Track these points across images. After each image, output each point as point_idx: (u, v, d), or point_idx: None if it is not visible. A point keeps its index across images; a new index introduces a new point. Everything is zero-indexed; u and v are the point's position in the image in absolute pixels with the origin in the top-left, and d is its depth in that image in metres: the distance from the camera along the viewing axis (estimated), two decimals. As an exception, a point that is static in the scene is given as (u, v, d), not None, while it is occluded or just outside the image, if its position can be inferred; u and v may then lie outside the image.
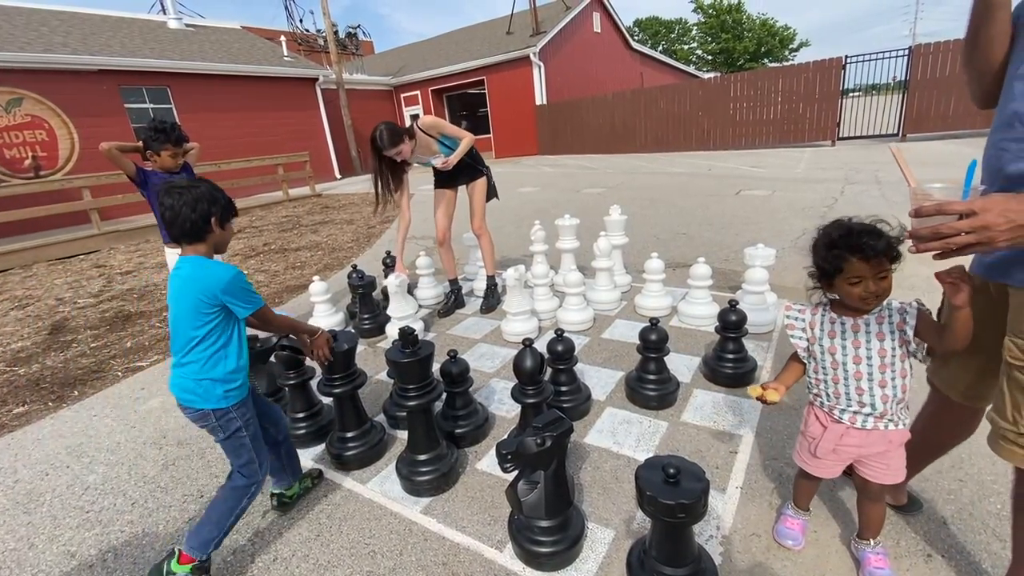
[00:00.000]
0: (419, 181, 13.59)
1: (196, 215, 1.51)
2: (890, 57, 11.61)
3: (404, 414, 2.14)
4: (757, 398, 1.37)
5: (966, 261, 1.16)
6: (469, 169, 3.59)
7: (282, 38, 16.53)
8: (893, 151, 1.21)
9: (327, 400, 2.22)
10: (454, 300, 3.80)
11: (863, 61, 11.85)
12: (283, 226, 8.36)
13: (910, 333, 1.22)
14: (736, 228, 5.39)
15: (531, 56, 16.19)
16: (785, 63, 36.27)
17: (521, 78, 16.75)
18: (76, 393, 3.11)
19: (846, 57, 11.82)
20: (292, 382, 2.26)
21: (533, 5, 17.46)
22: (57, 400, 3.04)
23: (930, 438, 1.46)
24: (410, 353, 1.82)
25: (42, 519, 2.01)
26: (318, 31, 19.79)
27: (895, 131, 11.91)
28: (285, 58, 15.26)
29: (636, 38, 40.67)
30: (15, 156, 9.86)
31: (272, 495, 1.90)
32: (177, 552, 1.57)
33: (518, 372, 1.89)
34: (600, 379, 2.60)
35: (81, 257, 7.66)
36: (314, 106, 15.46)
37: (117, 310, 4.69)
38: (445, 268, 3.83)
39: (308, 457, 2.20)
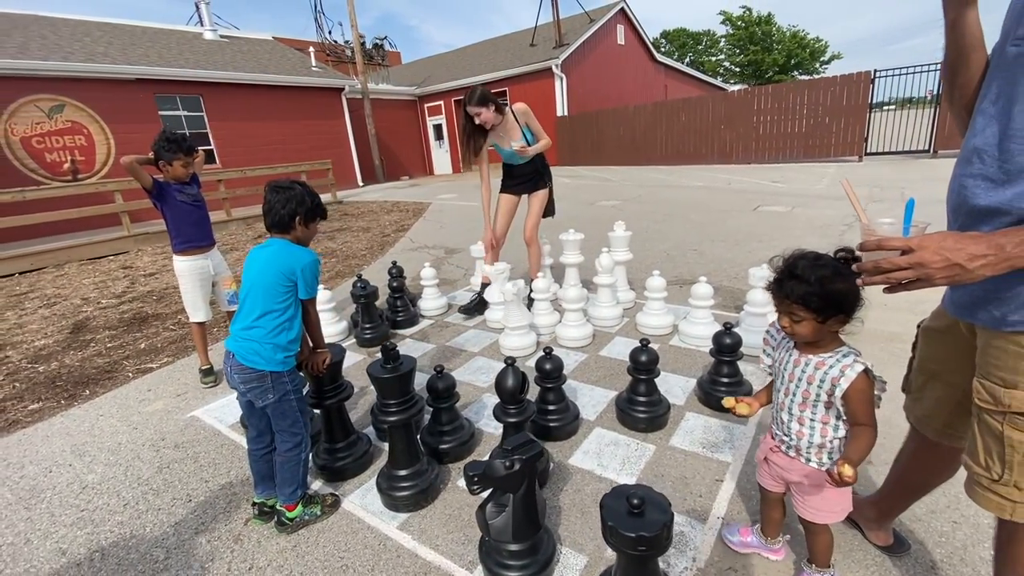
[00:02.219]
0: (437, 190, 13.72)
1: (285, 211, 1.78)
2: (921, 71, 11.32)
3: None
4: (729, 408, 1.38)
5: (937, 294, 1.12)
6: (536, 177, 3.70)
7: (311, 49, 17.00)
8: (844, 185, 1.19)
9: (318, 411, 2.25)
10: (479, 302, 3.85)
11: (893, 75, 11.57)
12: (302, 232, 8.54)
13: (837, 395, 1.18)
14: (749, 245, 5.30)
15: (553, 68, 16.29)
16: (815, 76, 35.65)
17: (543, 89, 16.85)
18: (87, 392, 3.22)
19: (875, 71, 11.56)
20: (284, 391, 2.30)
21: (557, 18, 17.60)
22: (70, 398, 3.15)
23: (910, 477, 1.41)
24: (391, 369, 1.83)
25: (40, 515, 2.08)
26: (346, 42, 20.29)
27: (926, 147, 11.56)
28: (313, 68, 15.69)
29: (662, 50, 40.55)
30: (55, 160, 10.34)
31: (253, 504, 1.93)
32: (282, 507, 1.83)
33: (499, 391, 1.89)
34: (592, 398, 2.58)
35: (111, 258, 7.97)
36: (340, 115, 15.83)
37: (136, 312, 4.85)
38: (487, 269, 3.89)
39: (296, 466, 2.24)
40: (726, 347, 2.35)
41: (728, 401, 1.38)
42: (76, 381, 3.39)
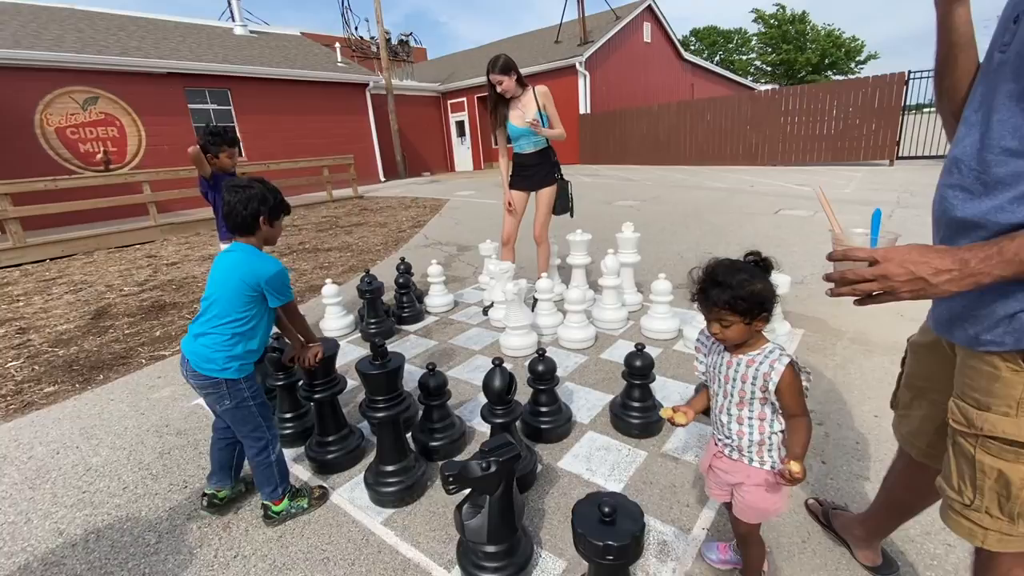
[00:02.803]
0: (456, 187, 13.77)
1: (247, 212, 1.73)
2: (960, 73, 10.88)
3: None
4: (667, 420, 1.38)
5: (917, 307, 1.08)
6: (544, 172, 3.65)
7: (337, 44, 17.22)
8: (818, 193, 1.15)
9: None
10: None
11: (928, 77, 11.13)
12: (321, 226, 8.67)
13: (771, 389, 1.21)
14: (766, 249, 5.05)
15: (577, 65, 16.17)
16: (850, 76, 34.58)
17: (566, 87, 16.74)
18: (101, 377, 3.33)
19: (909, 72, 11.15)
20: (281, 383, 2.34)
21: (582, 15, 17.46)
22: (84, 383, 3.26)
23: (898, 497, 1.35)
24: (379, 365, 1.84)
25: (43, 496, 2.16)
26: (372, 38, 20.49)
27: (962, 152, 11.12)
28: (339, 64, 15.89)
29: (691, 48, 39.84)
30: (89, 151, 10.70)
31: (203, 495, 1.93)
32: (267, 502, 1.86)
33: (487, 391, 1.88)
34: (588, 401, 2.55)
35: (137, 246, 8.21)
36: (363, 110, 16.00)
37: (155, 300, 5.00)
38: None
39: (290, 456, 2.27)
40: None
41: (664, 412, 1.38)
42: (92, 366, 3.51)
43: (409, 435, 2.25)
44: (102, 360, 3.60)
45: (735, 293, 1.16)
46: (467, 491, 1.50)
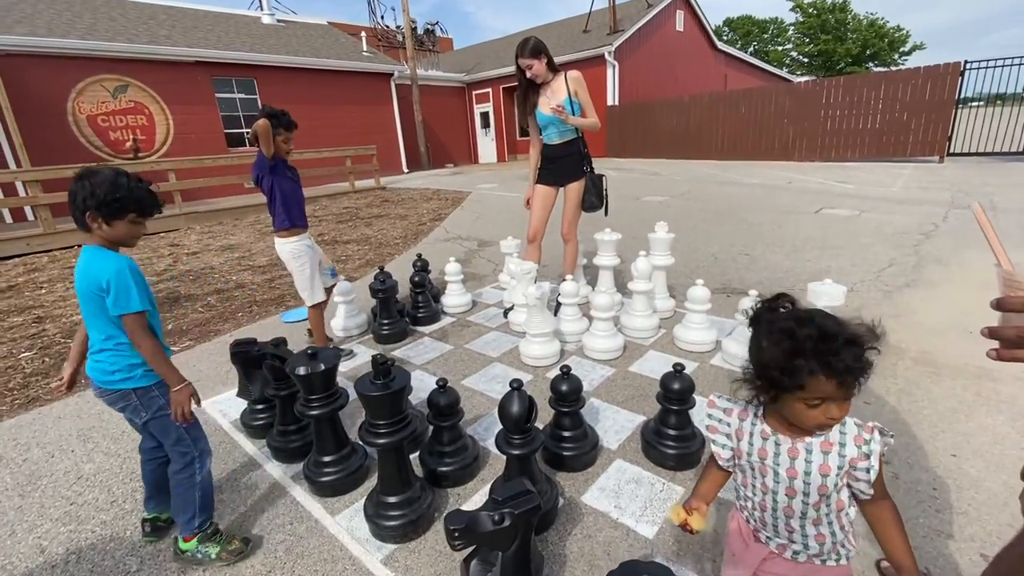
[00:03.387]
0: (479, 179, 13.53)
1: (75, 207, 1.45)
2: (1017, 64, 10.11)
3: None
4: (680, 525, 1.08)
5: None
6: (572, 165, 3.38)
7: (363, 33, 17.09)
8: (976, 212, 0.85)
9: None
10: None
11: (986, 67, 10.39)
12: (341, 217, 8.56)
13: (872, 478, 0.93)
14: (809, 252, 4.80)
15: (606, 55, 15.69)
16: (892, 68, 33.00)
17: (594, 78, 16.25)
18: (107, 373, 3.21)
19: (965, 62, 10.40)
20: (282, 394, 2.16)
21: (612, 3, 16.92)
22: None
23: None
24: (381, 386, 1.62)
25: (31, 505, 2.02)
26: (397, 27, 20.32)
27: (1019, 148, 10.37)
28: (364, 53, 15.77)
29: (725, 38, 38.60)
30: (119, 139, 10.82)
31: (144, 521, 1.75)
32: (179, 536, 1.68)
33: (503, 418, 1.65)
34: (616, 422, 2.30)
35: (162, 234, 8.23)
36: (388, 101, 15.86)
37: (170, 291, 4.91)
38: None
39: (289, 473, 2.09)
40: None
41: (675, 515, 1.08)
42: (100, 360, 3.40)
43: (416, 455, 2.04)
44: (111, 354, 3.49)
45: (865, 352, 0.85)
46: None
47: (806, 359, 0.84)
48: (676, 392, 1.93)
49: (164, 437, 1.62)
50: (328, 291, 3.12)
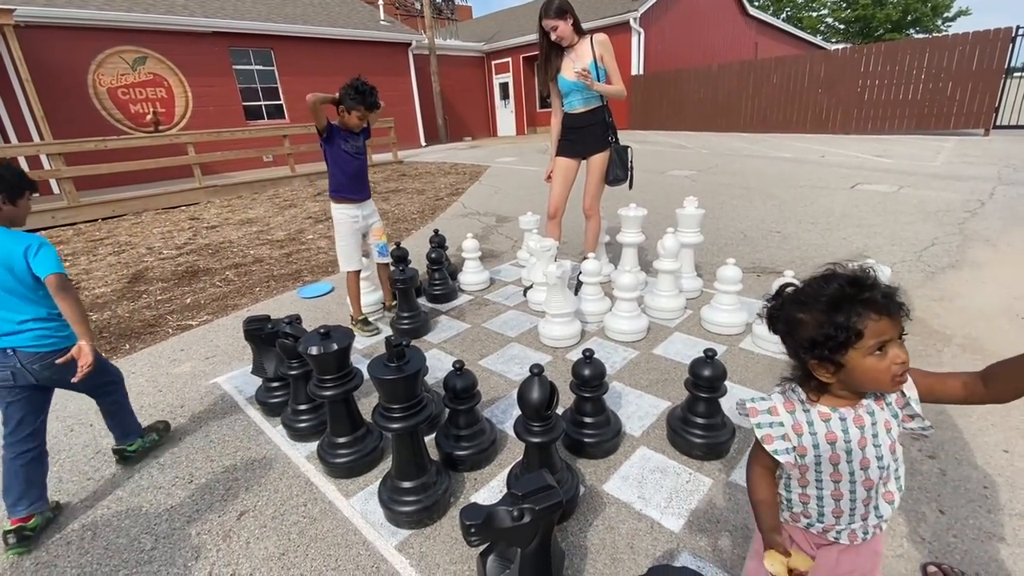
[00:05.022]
0: (497, 152, 13.27)
1: None
2: (1083, 27, 9.37)
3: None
4: (791, 572, 0.88)
5: None
6: (597, 136, 3.20)
7: (380, 1, 16.67)
8: None
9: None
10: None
11: (1043, 32, 9.65)
12: (359, 191, 8.47)
13: (916, 407, 0.91)
14: (845, 231, 4.56)
15: (631, 21, 15.06)
16: (935, 34, 31.12)
17: (618, 45, 15.45)
18: (127, 347, 3.23)
19: (1017, 28, 9.68)
20: (295, 372, 2.11)
21: (639, -34, 16.13)
22: (110, 351, 3.17)
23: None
24: (395, 369, 1.55)
25: (49, 480, 1.99)
26: (416, -6, 19.74)
27: (1075, 120, 9.71)
28: (382, 22, 15.41)
29: (756, 4, 36.78)
30: (139, 112, 10.83)
31: (5, 533, 1.67)
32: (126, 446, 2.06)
33: (522, 404, 1.56)
34: (640, 407, 2.20)
35: (182, 208, 8.27)
36: (405, 71, 15.55)
37: (190, 264, 4.92)
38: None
39: (304, 453, 2.06)
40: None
41: (776, 566, 0.88)
42: (120, 334, 3.42)
43: (432, 437, 1.98)
44: (131, 328, 3.51)
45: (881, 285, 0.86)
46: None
47: (851, 305, 0.83)
48: (706, 379, 1.81)
49: (99, 376, 1.88)
50: (382, 268, 3.28)
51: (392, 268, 3.17)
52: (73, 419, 2.44)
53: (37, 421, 1.77)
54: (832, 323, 0.84)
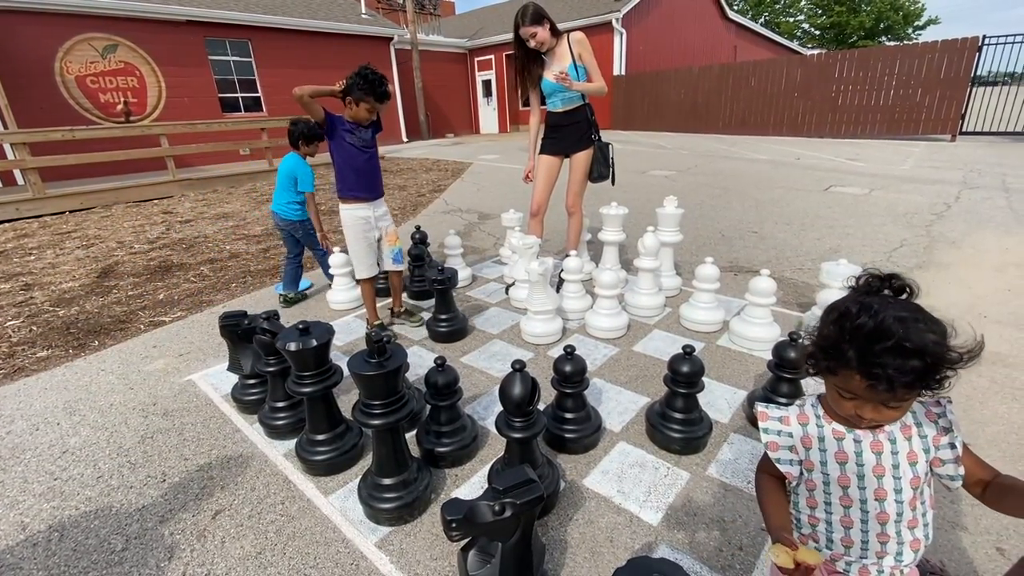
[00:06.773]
0: (480, 149, 13.25)
1: None
2: (1043, 39, 9.77)
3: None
4: (796, 566, 0.82)
5: None
6: (579, 134, 3.20)
7: (362, -6, 16.46)
8: None
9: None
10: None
11: (1005, 43, 10.03)
12: (339, 187, 8.36)
13: (960, 451, 0.86)
14: (818, 231, 4.67)
15: (613, 22, 15.18)
16: (905, 42, 32.09)
17: (600, 45, 15.76)
18: (96, 343, 3.13)
19: (984, 37, 10.05)
20: (272, 369, 2.07)
21: (621, -34, 16.25)
22: (78, 348, 3.07)
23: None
24: (376, 364, 1.53)
25: (13, 480, 1.96)
26: (398, -11, 19.53)
27: (1035, 128, 10.13)
28: (363, 15, 15.21)
29: (736, 7, 37.39)
30: (109, 101, 10.49)
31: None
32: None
33: (504, 400, 1.57)
34: (620, 404, 2.22)
35: (155, 201, 8.05)
36: (387, 66, 15.38)
37: (163, 260, 4.80)
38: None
39: (281, 451, 2.03)
40: (788, 362, 1.93)
41: (782, 557, 0.82)
42: (89, 330, 3.32)
43: (413, 434, 1.97)
44: (100, 324, 3.40)
45: (928, 362, 0.74)
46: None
47: (847, 347, 0.80)
48: (685, 375, 1.84)
49: None
50: (395, 275, 3.03)
51: (413, 269, 3.07)
52: (38, 417, 2.36)
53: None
54: (828, 345, 0.83)
